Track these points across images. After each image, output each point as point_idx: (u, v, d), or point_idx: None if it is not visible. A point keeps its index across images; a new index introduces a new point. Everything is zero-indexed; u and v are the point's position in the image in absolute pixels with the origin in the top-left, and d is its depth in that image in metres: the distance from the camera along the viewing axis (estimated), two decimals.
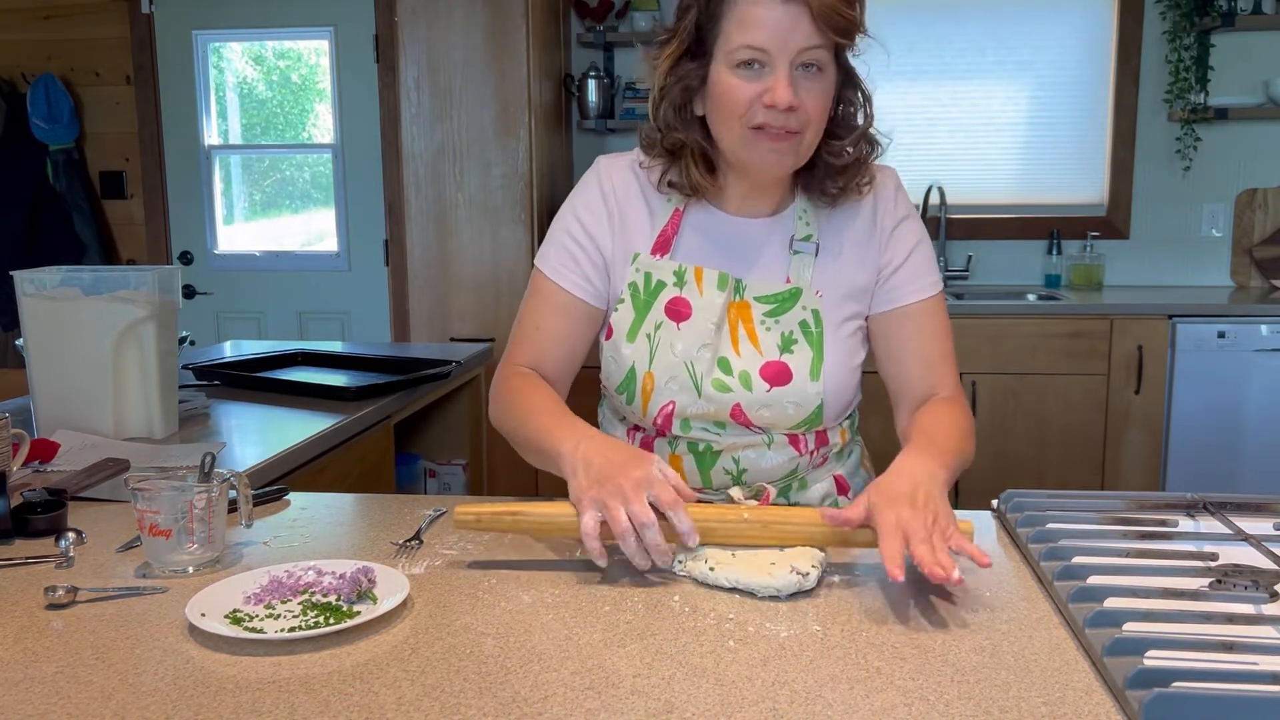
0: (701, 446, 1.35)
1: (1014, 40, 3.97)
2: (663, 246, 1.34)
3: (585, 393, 1.45)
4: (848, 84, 1.28)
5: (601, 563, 1.08)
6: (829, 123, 1.26)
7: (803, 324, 1.31)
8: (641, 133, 1.34)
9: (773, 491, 1.30)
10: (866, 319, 1.37)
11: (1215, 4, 3.68)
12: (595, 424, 1.42)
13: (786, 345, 1.31)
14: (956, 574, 0.98)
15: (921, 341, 1.35)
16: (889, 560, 1.01)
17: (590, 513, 1.08)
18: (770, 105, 1.19)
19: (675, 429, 1.33)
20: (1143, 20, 3.86)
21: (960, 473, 1.22)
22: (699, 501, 1.14)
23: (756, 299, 1.32)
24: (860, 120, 1.30)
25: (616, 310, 1.35)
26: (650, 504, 1.07)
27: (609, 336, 1.35)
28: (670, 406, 1.32)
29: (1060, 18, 3.94)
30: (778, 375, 1.30)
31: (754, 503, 1.17)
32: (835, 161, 1.29)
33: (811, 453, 1.37)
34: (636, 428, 1.39)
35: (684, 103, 1.27)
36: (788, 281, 1.32)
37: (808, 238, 1.33)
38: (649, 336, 1.32)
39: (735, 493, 1.30)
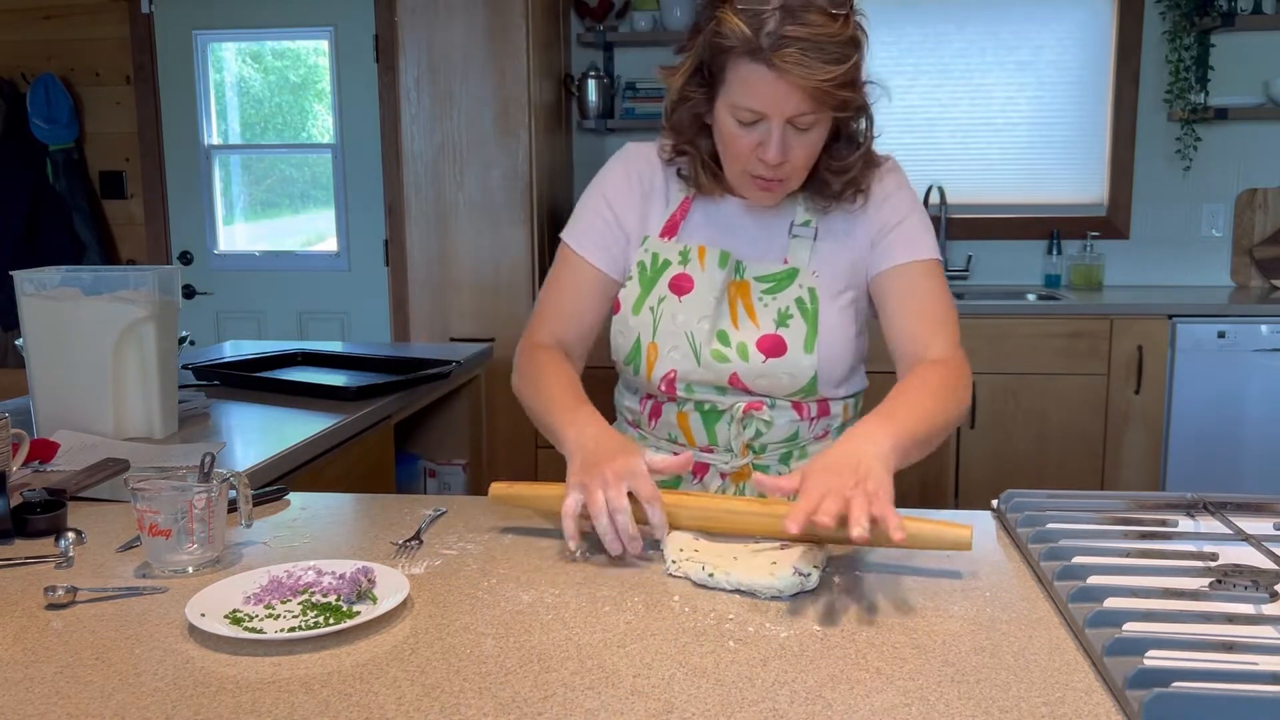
0: (707, 406, 1.41)
1: (1014, 40, 3.97)
2: (670, 230, 1.43)
3: (603, 391, 1.53)
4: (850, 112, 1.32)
5: (572, 545, 1.14)
6: (830, 140, 1.32)
7: (798, 300, 1.37)
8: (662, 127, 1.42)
9: (751, 469, 1.40)
10: (867, 286, 1.42)
11: (1215, 4, 3.68)
12: (611, 406, 1.52)
13: (782, 320, 1.37)
14: (857, 531, 0.99)
15: (914, 300, 1.37)
16: (788, 515, 1.02)
17: (573, 495, 1.15)
18: (762, 159, 1.27)
19: (680, 392, 1.40)
20: (1143, 20, 3.86)
21: (931, 437, 1.22)
22: (686, 493, 1.22)
23: (756, 278, 1.39)
24: (861, 139, 1.35)
25: (625, 287, 1.43)
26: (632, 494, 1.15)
27: (617, 311, 1.44)
28: (672, 373, 1.39)
29: (1060, 18, 3.94)
30: (773, 347, 1.36)
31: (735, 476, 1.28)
32: (834, 180, 1.35)
33: (813, 419, 1.43)
34: (648, 396, 1.45)
35: (693, 119, 1.34)
36: (785, 262, 1.39)
37: (807, 223, 1.40)
38: (652, 309, 1.40)
39: (722, 464, 1.41)
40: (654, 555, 1.16)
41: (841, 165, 1.34)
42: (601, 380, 1.55)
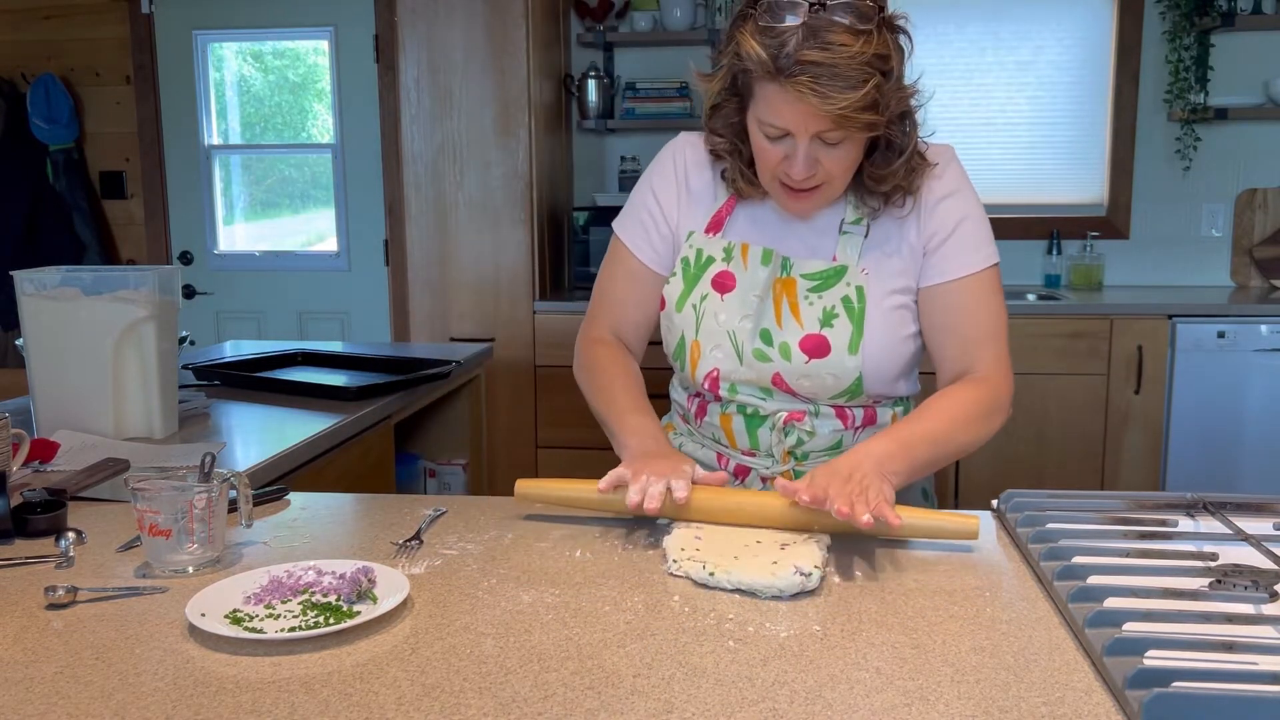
0: (750, 409, 1.40)
1: (1014, 40, 3.97)
2: (716, 226, 1.42)
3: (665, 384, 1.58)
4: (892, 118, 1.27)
5: (602, 483, 1.23)
6: (872, 148, 1.29)
7: (845, 299, 1.34)
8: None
9: (793, 475, 1.39)
10: (916, 293, 1.38)
11: (1215, 4, 3.68)
12: (668, 402, 1.56)
13: (827, 320, 1.34)
14: (866, 518, 1.08)
15: (959, 318, 1.35)
16: (801, 490, 1.14)
17: (622, 469, 1.24)
18: (789, 173, 1.26)
19: (723, 393, 1.40)
20: (1143, 20, 3.86)
21: (942, 460, 1.29)
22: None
23: (803, 276, 1.36)
24: (904, 146, 1.30)
25: (669, 283, 1.43)
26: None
27: (663, 307, 1.44)
28: (715, 372, 1.39)
29: (1060, 18, 3.94)
30: (816, 348, 1.34)
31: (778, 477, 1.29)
32: (877, 187, 1.32)
33: (858, 428, 1.40)
34: (695, 394, 1.46)
35: (729, 125, 1.34)
36: (834, 259, 1.36)
37: (858, 220, 1.36)
38: (695, 307, 1.39)
39: (763, 469, 1.41)
40: (654, 555, 1.16)
41: (883, 173, 1.30)
42: (665, 378, 1.56)
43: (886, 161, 1.30)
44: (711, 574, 1.06)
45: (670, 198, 1.44)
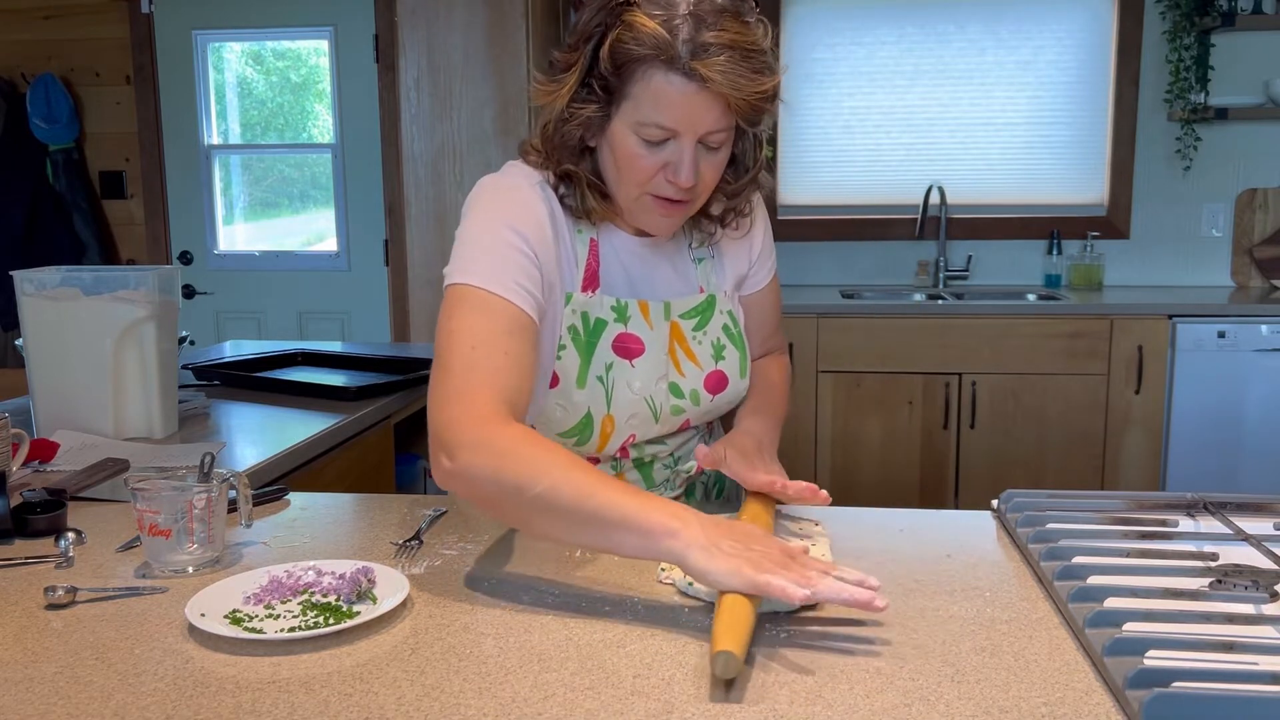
0: (648, 458, 1.38)
1: (1014, 40, 3.97)
2: (591, 282, 1.27)
3: None
4: (745, 133, 1.24)
5: (805, 593, 0.91)
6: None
7: (725, 329, 1.37)
8: (525, 150, 1.25)
9: (703, 449, 1.25)
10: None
11: (1215, 4, 3.69)
12: None
13: (719, 353, 1.36)
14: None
15: (768, 315, 1.48)
16: (748, 481, 1.21)
17: (769, 576, 0.92)
18: (672, 181, 1.16)
19: (632, 455, 1.36)
20: (1143, 20, 3.86)
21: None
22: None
23: (682, 316, 1.33)
24: (751, 164, 1.27)
25: (560, 358, 1.25)
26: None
27: (554, 385, 1.26)
28: (631, 438, 1.33)
29: (1060, 18, 3.94)
30: (718, 383, 1.36)
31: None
32: (728, 204, 1.31)
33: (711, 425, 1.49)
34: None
35: (580, 138, 1.19)
36: (701, 291, 1.36)
37: (703, 243, 1.37)
38: (601, 379, 1.27)
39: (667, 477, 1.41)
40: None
41: (735, 189, 1.27)
42: None
43: (738, 177, 1.27)
44: (691, 583, 1.03)
45: (538, 237, 1.20)
